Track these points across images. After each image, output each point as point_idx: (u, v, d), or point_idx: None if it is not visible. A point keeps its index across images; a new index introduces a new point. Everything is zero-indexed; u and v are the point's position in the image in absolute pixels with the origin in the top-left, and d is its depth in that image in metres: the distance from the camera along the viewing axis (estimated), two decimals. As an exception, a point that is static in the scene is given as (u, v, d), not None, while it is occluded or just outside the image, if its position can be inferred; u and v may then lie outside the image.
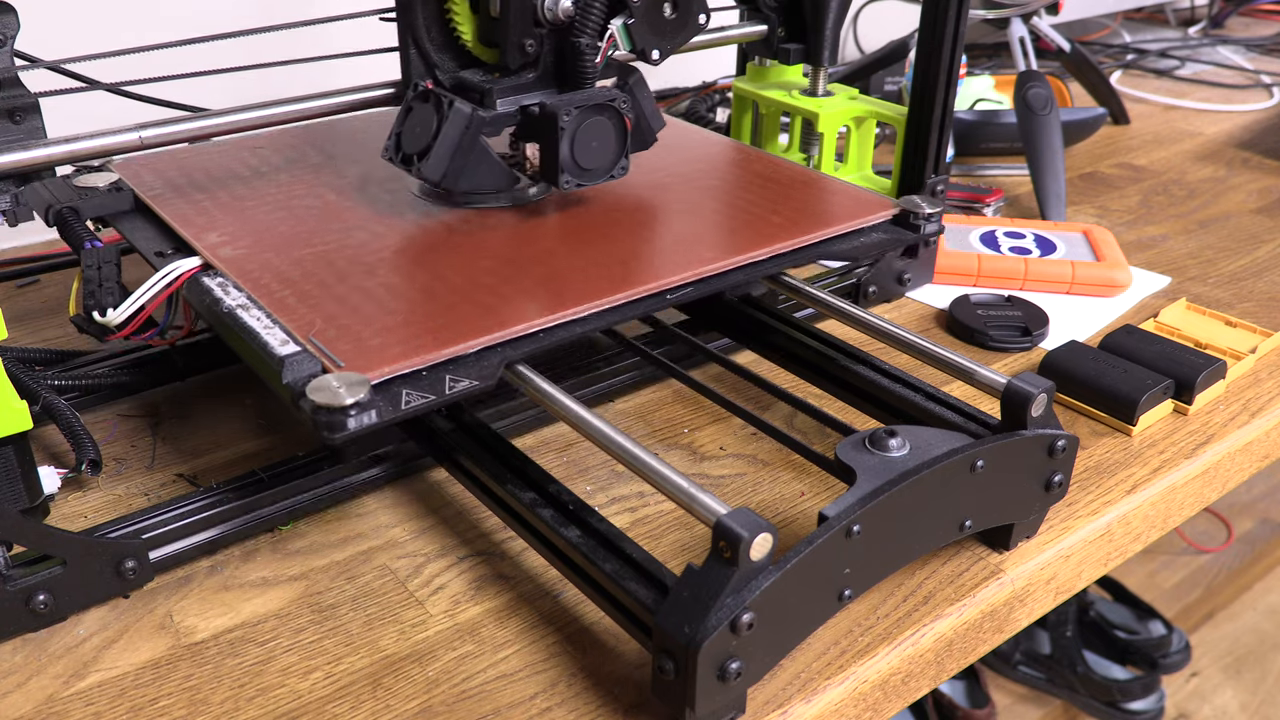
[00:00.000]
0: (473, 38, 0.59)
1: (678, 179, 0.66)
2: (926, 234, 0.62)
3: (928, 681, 0.49)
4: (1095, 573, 0.56)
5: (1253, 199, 0.97)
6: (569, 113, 0.56)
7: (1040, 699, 1.40)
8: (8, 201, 0.54)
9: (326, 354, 0.45)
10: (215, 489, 0.51)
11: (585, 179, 0.58)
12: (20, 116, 0.53)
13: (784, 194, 0.64)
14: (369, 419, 0.42)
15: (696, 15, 0.60)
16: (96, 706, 0.43)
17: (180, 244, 0.56)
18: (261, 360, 0.45)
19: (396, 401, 0.44)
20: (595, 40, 0.57)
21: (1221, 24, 1.63)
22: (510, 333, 0.48)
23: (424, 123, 0.56)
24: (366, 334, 0.47)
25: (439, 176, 0.56)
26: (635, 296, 0.52)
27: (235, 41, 0.60)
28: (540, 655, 0.46)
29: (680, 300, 0.54)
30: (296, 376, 0.44)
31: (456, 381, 0.46)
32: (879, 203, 0.63)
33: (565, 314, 0.50)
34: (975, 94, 1.12)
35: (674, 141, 0.73)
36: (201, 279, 0.52)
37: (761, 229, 0.59)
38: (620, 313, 0.52)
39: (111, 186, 0.60)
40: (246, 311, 0.49)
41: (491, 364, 0.47)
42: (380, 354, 0.46)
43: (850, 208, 0.63)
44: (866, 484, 0.43)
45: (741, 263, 0.56)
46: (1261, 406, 0.64)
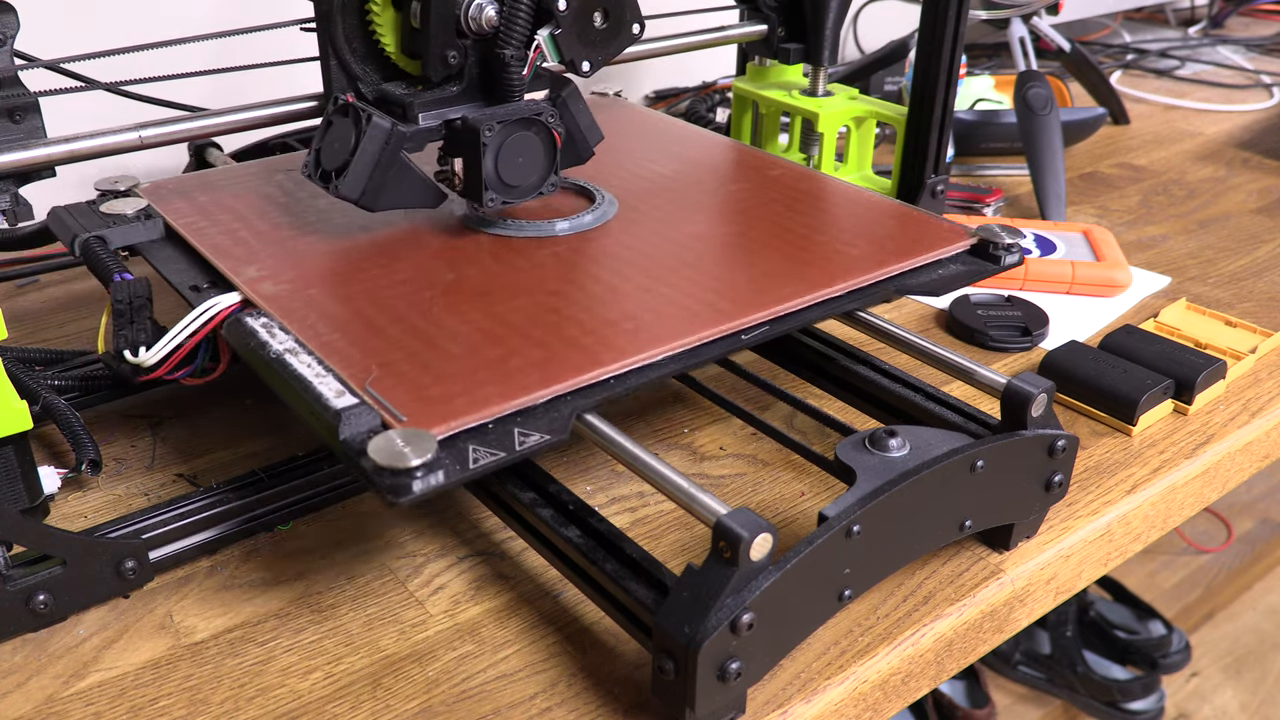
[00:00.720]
0: (396, 49, 0.56)
1: (735, 205, 0.63)
2: (1008, 265, 0.58)
3: (928, 681, 0.49)
4: (1095, 573, 0.56)
5: (1253, 199, 0.97)
6: (491, 128, 0.53)
7: (1040, 699, 1.40)
8: (8, 201, 0.54)
9: (386, 406, 0.42)
10: (215, 489, 0.51)
11: (511, 196, 0.55)
12: (20, 116, 0.53)
13: (852, 222, 0.61)
14: (436, 480, 0.38)
15: (630, 25, 0.58)
16: (96, 706, 0.43)
17: (217, 277, 0.53)
18: (315, 413, 0.42)
19: (464, 459, 0.40)
20: (522, 51, 0.55)
21: (1221, 24, 1.63)
22: (581, 380, 0.44)
23: (342, 138, 0.53)
24: (426, 382, 0.43)
25: (357, 194, 0.53)
26: (711, 338, 0.48)
27: (235, 41, 0.60)
28: (540, 655, 0.46)
29: (755, 341, 0.50)
30: (355, 432, 0.40)
31: (526, 436, 0.42)
32: (955, 232, 0.59)
33: (639, 358, 0.46)
34: (975, 94, 1.12)
35: (723, 163, 0.69)
36: (244, 319, 0.48)
37: (834, 261, 0.55)
38: (695, 355, 0.48)
39: (140, 213, 0.58)
40: (295, 357, 0.45)
41: (563, 415, 0.43)
42: (444, 406, 0.42)
43: (927, 237, 0.58)
44: (866, 484, 0.43)
45: (818, 299, 0.52)
46: (1261, 406, 0.64)
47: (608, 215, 0.60)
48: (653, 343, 0.47)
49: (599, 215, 0.60)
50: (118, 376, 0.61)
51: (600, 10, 0.56)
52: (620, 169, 0.67)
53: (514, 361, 0.45)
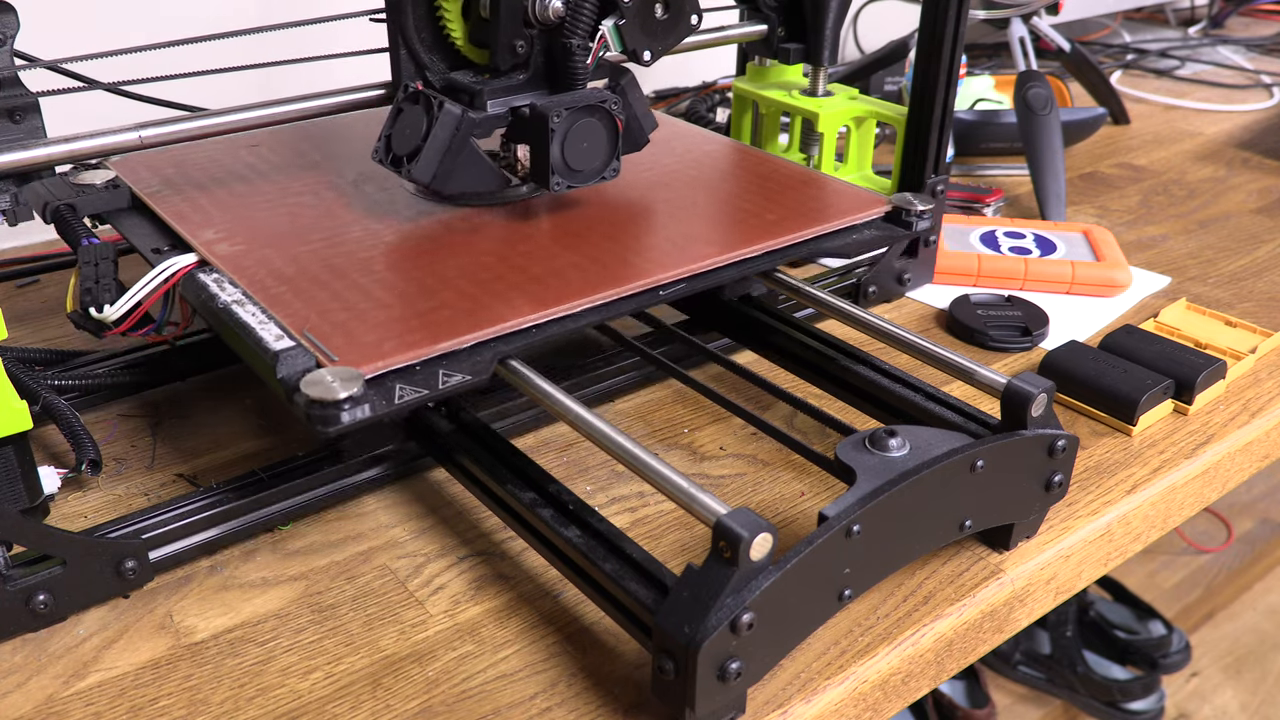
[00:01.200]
0: (463, 39, 0.58)
1: (673, 178, 0.66)
2: (919, 231, 0.62)
3: (928, 681, 0.49)
4: (1095, 573, 0.56)
5: (1253, 199, 0.97)
6: (559, 114, 0.55)
7: (1040, 699, 1.40)
8: (7, 201, 0.54)
9: (321, 349, 0.46)
10: (215, 489, 0.51)
11: (576, 180, 0.58)
12: (20, 116, 0.53)
13: (779, 192, 0.64)
14: (362, 413, 0.42)
15: (689, 16, 0.60)
16: (96, 706, 0.43)
17: (177, 241, 0.56)
18: (256, 355, 0.45)
19: (390, 395, 0.44)
20: (586, 41, 0.57)
21: (1221, 24, 1.63)
22: (504, 328, 0.48)
23: (414, 124, 0.56)
24: (361, 330, 0.47)
25: (429, 178, 0.56)
26: (628, 292, 0.52)
27: (234, 41, 0.60)
28: (540, 655, 0.46)
29: (673, 296, 0.54)
30: (291, 371, 0.44)
31: (450, 376, 0.46)
32: (871, 200, 0.63)
33: (558, 309, 0.50)
34: (975, 94, 1.12)
35: (670, 141, 0.73)
36: (197, 275, 0.52)
37: (755, 226, 0.59)
38: (613, 308, 0.52)
39: (108, 184, 0.60)
40: (242, 307, 0.49)
41: (484, 359, 0.47)
42: (374, 349, 0.46)
43: (843, 205, 0.63)
44: (866, 484, 0.43)
45: (734, 259, 0.56)
46: (1261, 406, 0.64)
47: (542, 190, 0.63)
48: (573, 294, 0.51)
49: (533, 187, 0.63)
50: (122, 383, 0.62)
51: (662, 1, 0.59)
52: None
53: (443, 312, 0.49)
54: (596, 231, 0.58)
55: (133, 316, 0.53)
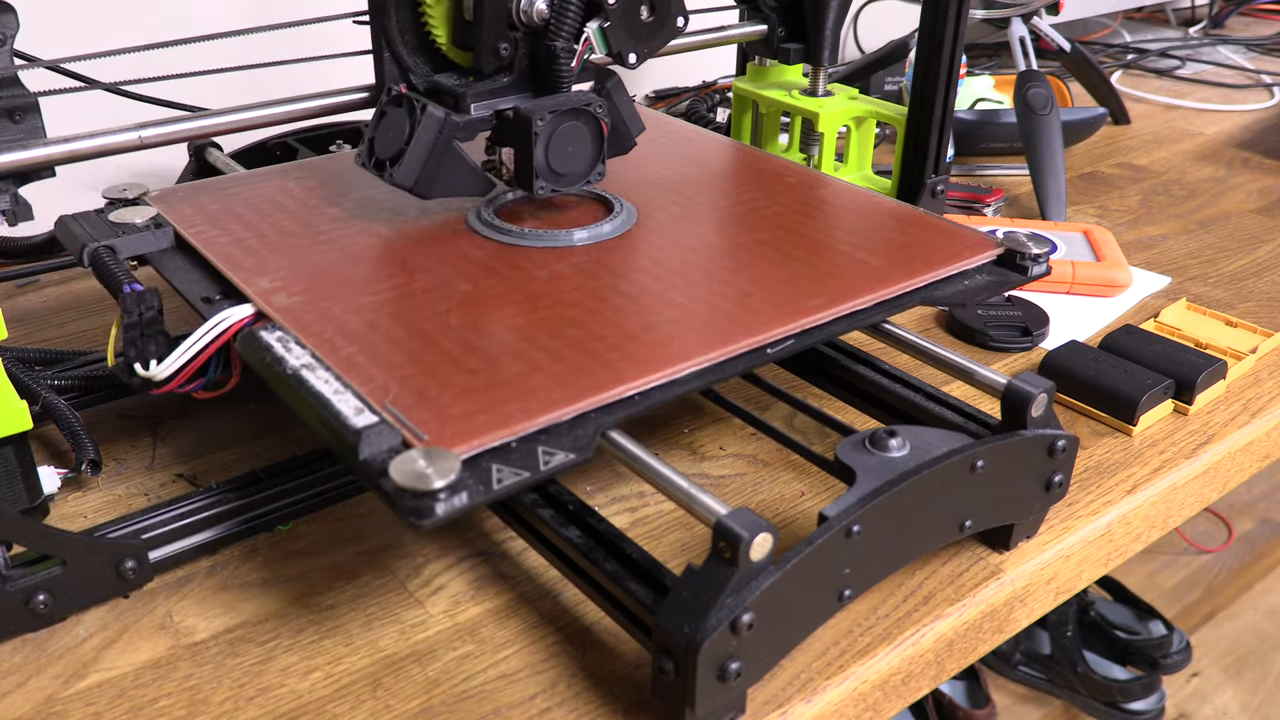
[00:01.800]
0: (447, 41, 0.58)
1: (759, 215, 0.61)
2: (1034, 276, 0.56)
3: (928, 681, 0.49)
4: (1095, 573, 0.56)
5: (1253, 199, 0.97)
6: (543, 117, 0.55)
7: (1040, 699, 1.40)
8: (8, 201, 0.54)
9: (407, 424, 0.40)
10: (215, 489, 0.51)
11: (560, 184, 0.57)
12: (20, 116, 0.53)
13: (873, 230, 0.59)
14: (460, 501, 0.37)
15: (675, 18, 0.59)
16: (96, 706, 0.43)
17: (228, 288, 0.52)
18: (334, 431, 0.40)
19: (487, 479, 0.39)
20: (571, 43, 0.56)
21: (1221, 24, 1.63)
22: (605, 397, 0.43)
23: (397, 128, 0.55)
24: (447, 399, 0.42)
25: (411, 182, 0.54)
26: (736, 353, 0.47)
27: (235, 41, 0.60)
28: (540, 655, 0.46)
29: (780, 355, 0.48)
30: (375, 452, 0.39)
31: (550, 455, 0.40)
32: (981, 242, 0.57)
33: (664, 374, 0.45)
34: (975, 94, 1.12)
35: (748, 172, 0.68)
36: (259, 333, 0.47)
37: (859, 272, 0.54)
38: (720, 370, 0.46)
39: (150, 222, 0.57)
40: (312, 373, 0.44)
41: (587, 433, 0.42)
42: (466, 424, 0.41)
43: (951, 247, 0.57)
44: (866, 484, 0.43)
45: (844, 312, 0.51)
46: (1262, 406, 0.64)
47: (626, 225, 0.59)
48: (677, 358, 0.46)
49: (617, 225, 0.59)
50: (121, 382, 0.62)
51: (647, 4, 0.58)
52: (632, 175, 0.66)
53: (536, 377, 0.44)
54: (684, 278, 0.53)
55: (183, 375, 0.49)
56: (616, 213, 0.60)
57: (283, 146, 0.80)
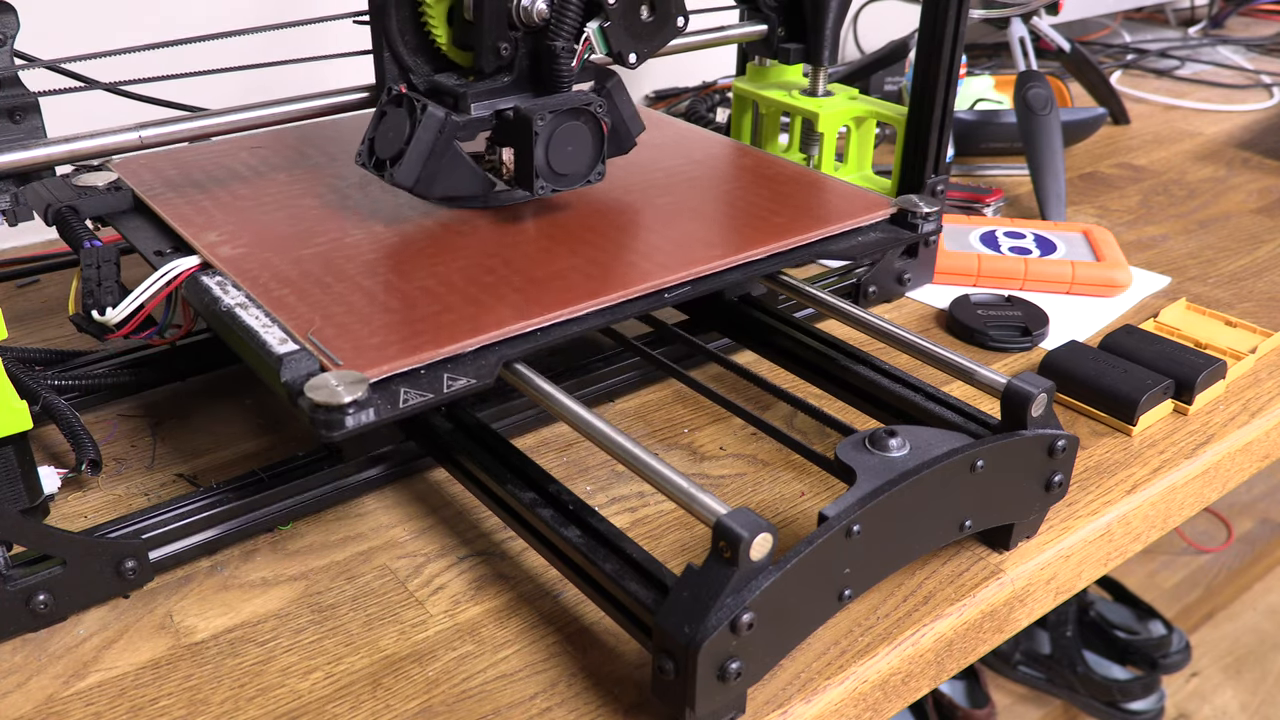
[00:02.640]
0: (447, 41, 0.58)
1: (675, 179, 0.66)
2: (924, 233, 0.62)
3: (928, 681, 0.49)
4: (1095, 573, 0.56)
5: (1253, 199, 0.97)
6: (543, 117, 0.55)
7: (1040, 699, 1.40)
8: (8, 201, 0.54)
9: (325, 352, 0.46)
10: (215, 489, 0.52)
11: (561, 184, 0.57)
12: (20, 116, 0.53)
13: (783, 193, 0.64)
14: (367, 417, 0.42)
15: (674, 18, 0.60)
16: (96, 706, 0.43)
17: (179, 243, 0.56)
18: (260, 359, 0.45)
19: (395, 400, 0.44)
20: (571, 43, 0.56)
21: (1221, 24, 1.63)
22: (507, 331, 0.48)
23: (397, 127, 0.56)
24: (365, 333, 0.47)
25: (411, 182, 0.55)
26: (632, 295, 0.52)
27: (235, 41, 0.60)
28: (540, 655, 0.46)
29: (678, 299, 0.53)
30: (295, 375, 0.44)
31: (454, 380, 0.46)
32: (876, 201, 0.63)
33: (562, 313, 0.50)
34: (975, 94, 1.12)
35: (671, 141, 0.73)
36: (200, 278, 0.52)
37: (759, 228, 0.59)
38: (617, 311, 0.52)
39: (111, 186, 0.60)
40: (245, 310, 0.49)
41: (489, 362, 0.47)
42: (379, 352, 0.46)
43: (848, 207, 0.62)
44: (866, 484, 0.43)
45: (739, 261, 0.56)
46: (1261, 406, 0.64)
47: None
48: (578, 298, 0.51)
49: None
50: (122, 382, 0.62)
51: (647, 4, 0.58)
52: None
53: (447, 316, 0.49)
54: (599, 234, 0.58)
55: (135, 319, 0.53)
56: None
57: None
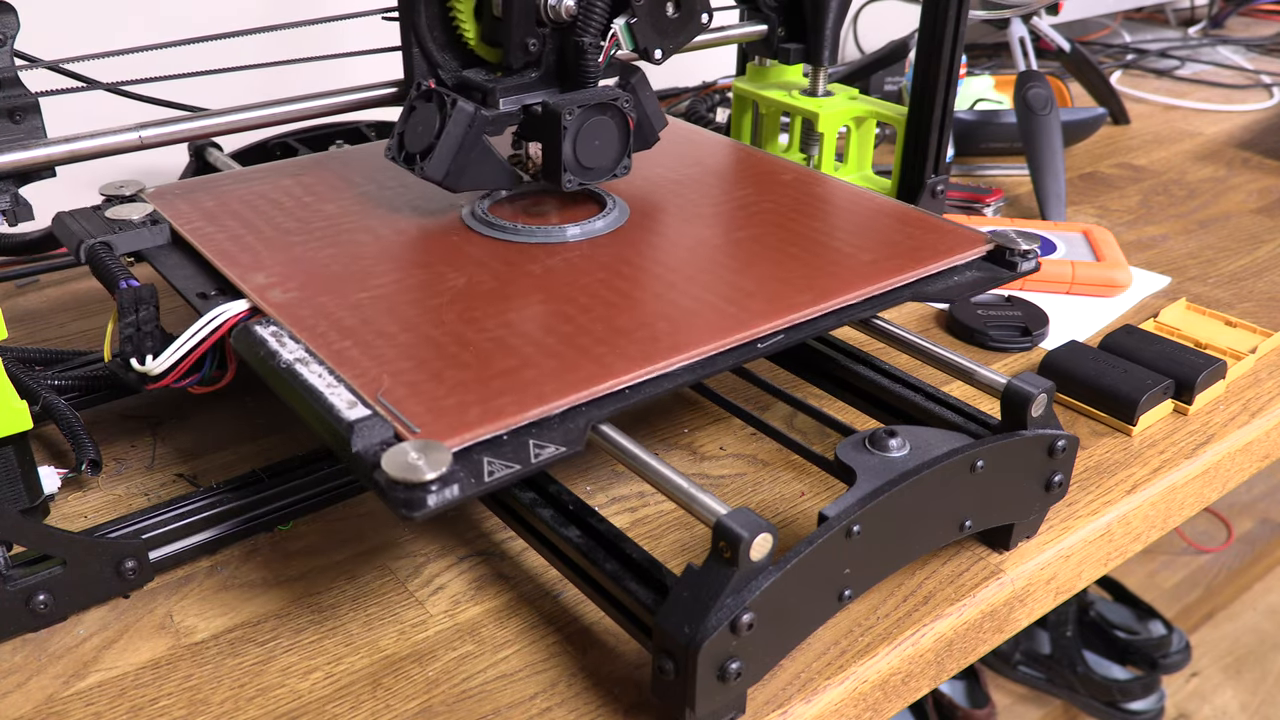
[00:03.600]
0: (475, 37, 0.59)
1: (749, 212, 0.61)
2: (1024, 272, 0.57)
3: (928, 681, 0.49)
4: (1095, 573, 0.56)
5: (1253, 199, 0.97)
6: (571, 112, 0.56)
7: (1040, 699, 1.40)
8: (8, 201, 0.54)
9: (399, 417, 0.41)
10: (215, 489, 0.51)
11: (587, 178, 0.58)
12: (20, 116, 0.53)
13: (866, 227, 0.60)
14: (451, 494, 0.37)
15: (699, 14, 0.60)
16: (96, 706, 0.43)
17: (224, 284, 0.52)
18: (326, 424, 0.41)
19: (479, 472, 0.39)
20: (598, 39, 0.57)
21: (1221, 24, 1.63)
22: (596, 391, 0.44)
23: (426, 122, 0.56)
24: (439, 393, 0.42)
25: (441, 175, 0.56)
26: (726, 347, 0.48)
27: (235, 41, 0.60)
28: (540, 655, 0.46)
29: (771, 350, 0.49)
30: (368, 444, 0.39)
31: (542, 448, 0.41)
32: (972, 238, 0.58)
33: (654, 368, 0.45)
34: (975, 94, 1.12)
35: (739, 169, 0.68)
36: (254, 328, 0.47)
37: (850, 268, 0.54)
38: (710, 365, 0.47)
39: (146, 219, 0.57)
40: (306, 367, 0.44)
41: (578, 426, 0.42)
42: (458, 417, 0.41)
43: (941, 243, 0.57)
44: (866, 484, 0.43)
45: (834, 306, 0.51)
46: (1261, 406, 0.64)
47: (619, 221, 0.60)
48: (668, 352, 0.46)
49: (610, 221, 0.59)
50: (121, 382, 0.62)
51: (673, 0, 0.59)
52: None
53: (528, 372, 0.44)
54: (679, 273, 0.54)
55: (178, 370, 0.49)
56: (609, 209, 0.60)
57: (283, 146, 0.80)
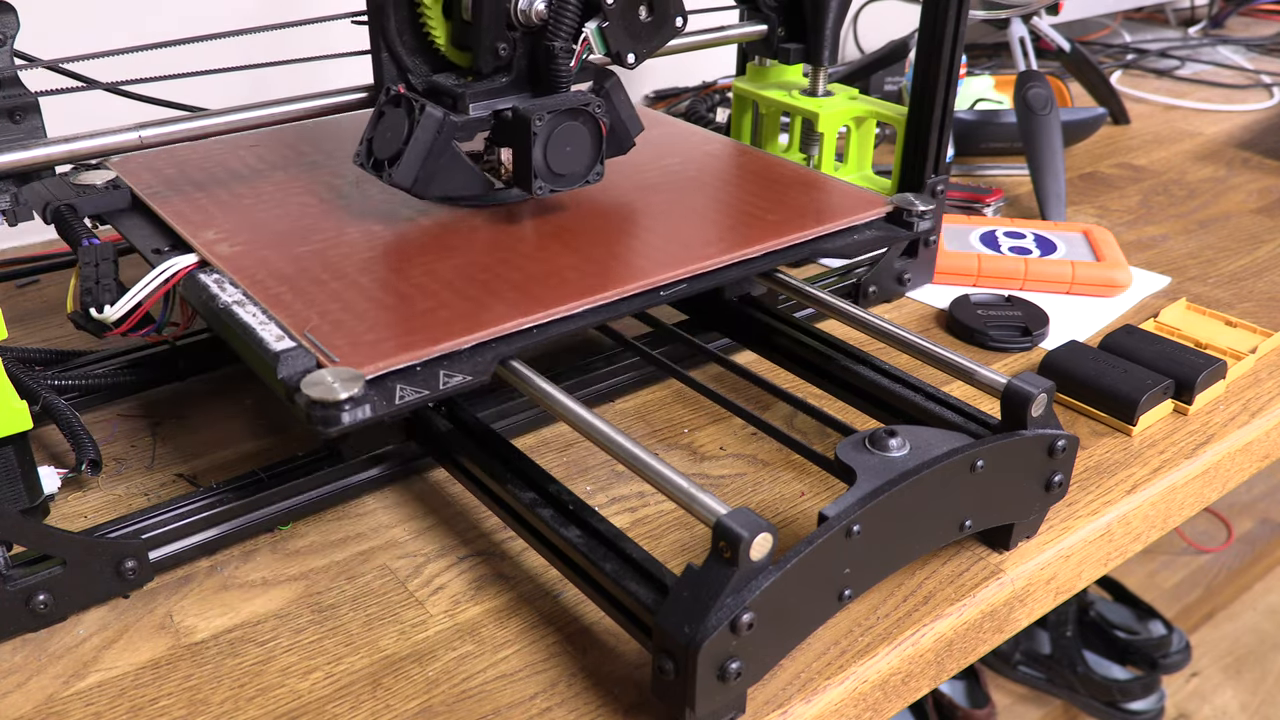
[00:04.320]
0: (446, 41, 0.58)
1: (673, 178, 0.66)
2: (920, 231, 0.62)
3: (928, 681, 0.49)
4: (1095, 573, 0.56)
5: (1253, 199, 0.97)
6: (541, 117, 0.55)
7: (1040, 699, 1.40)
8: (8, 201, 0.54)
9: (322, 349, 0.46)
10: (215, 489, 0.52)
11: (559, 184, 0.57)
12: (20, 116, 0.53)
13: (780, 193, 0.64)
14: (363, 413, 0.42)
15: (673, 18, 0.60)
16: (96, 706, 0.43)
17: (177, 241, 0.56)
18: (257, 356, 0.45)
19: (391, 396, 0.44)
20: (569, 43, 0.56)
21: (1221, 24, 1.63)
22: (504, 328, 0.48)
23: (395, 128, 0.56)
24: (361, 330, 0.47)
25: (410, 182, 0.55)
26: (629, 293, 0.52)
27: (235, 41, 0.60)
28: (540, 655, 0.46)
29: (674, 297, 0.53)
30: (292, 372, 0.44)
31: (451, 376, 0.46)
32: (872, 200, 0.63)
33: (559, 310, 0.50)
34: (975, 94, 1.12)
35: (670, 141, 0.73)
36: (198, 275, 0.52)
37: (756, 227, 0.59)
38: (613, 309, 0.52)
39: (109, 184, 0.60)
40: (242, 308, 0.49)
41: (485, 359, 0.47)
42: (375, 349, 0.46)
43: (844, 205, 0.63)
44: (866, 484, 0.43)
45: (735, 259, 0.56)
46: (1261, 406, 0.64)
47: None
48: (574, 295, 0.51)
49: None
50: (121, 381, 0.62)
51: (645, 4, 0.58)
52: None
53: (443, 313, 0.49)
54: (596, 232, 0.58)
55: (133, 317, 0.53)
56: None
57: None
